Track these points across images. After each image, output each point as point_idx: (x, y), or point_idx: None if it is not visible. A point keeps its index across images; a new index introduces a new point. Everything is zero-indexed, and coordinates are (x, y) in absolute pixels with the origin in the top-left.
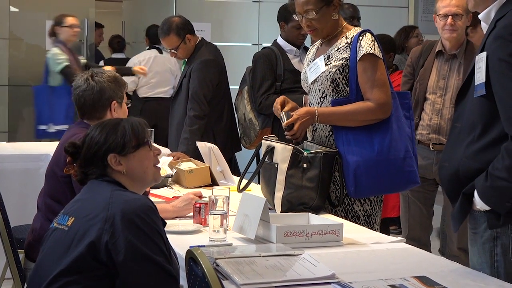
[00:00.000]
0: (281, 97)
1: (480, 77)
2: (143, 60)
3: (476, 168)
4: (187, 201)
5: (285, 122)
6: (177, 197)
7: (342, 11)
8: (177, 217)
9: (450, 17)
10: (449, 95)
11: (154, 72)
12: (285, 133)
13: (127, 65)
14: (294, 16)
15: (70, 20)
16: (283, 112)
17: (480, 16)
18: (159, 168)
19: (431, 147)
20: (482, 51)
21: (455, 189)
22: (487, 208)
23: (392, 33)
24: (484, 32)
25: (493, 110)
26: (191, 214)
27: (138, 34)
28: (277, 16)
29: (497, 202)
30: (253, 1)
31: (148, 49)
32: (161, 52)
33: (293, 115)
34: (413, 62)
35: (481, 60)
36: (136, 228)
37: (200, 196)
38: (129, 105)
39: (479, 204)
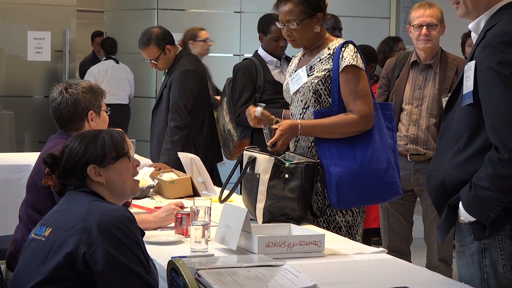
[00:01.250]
0: (251, 106)
1: (468, 85)
2: (102, 69)
3: (462, 179)
4: (169, 212)
5: (269, 140)
6: (159, 208)
7: (323, 22)
8: (158, 228)
9: (424, 27)
10: (425, 105)
11: (112, 80)
12: (268, 148)
13: (86, 76)
14: (272, 27)
15: (204, 34)
16: (267, 128)
17: (469, 26)
18: (137, 181)
19: (408, 157)
20: (471, 60)
21: (442, 199)
22: (472, 219)
23: (373, 44)
24: (474, 42)
25: (480, 119)
26: (173, 224)
27: (119, 45)
28: (257, 26)
29: (481, 212)
30: (235, 12)
31: (105, 59)
32: (117, 62)
33: (276, 128)
34: (388, 73)
35: (469, 69)
36: (114, 239)
37: (182, 207)
38: (109, 113)
39: (463, 215)
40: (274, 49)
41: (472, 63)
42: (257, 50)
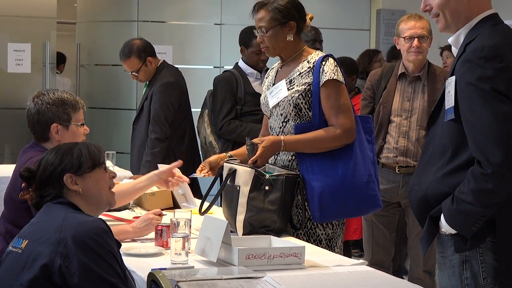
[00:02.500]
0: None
1: (449, 101)
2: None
3: (444, 192)
4: (147, 221)
5: (251, 158)
6: (137, 217)
7: (304, 34)
8: (137, 238)
9: (416, 39)
10: (415, 117)
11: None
12: (249, 163)
13: None
14: (254, 40)
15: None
16: (250, 144)
17: (449, 40)
18: (113, 192)
19: (397, 170)
20: (451, 75)
21: (424, 212)
22: (452, 231)
23: (354, 56)
24: (454, 55)
25: (463, 134)
26: (153, 236)
27: (93, 56)
28: (239, 39)
29: (462, 225)
30: (215, 24)
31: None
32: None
33: (259, 144)
34: (373, 85)
35: (450, 84)
36: (90, 250)
37: (160, 215)
38: (86, 132)
39: (444, 227)
40: (256, 62)
41: (453, 78)
42: (237, 62)
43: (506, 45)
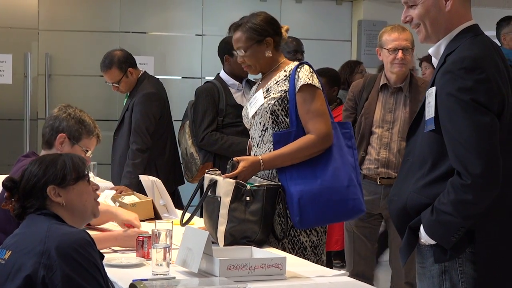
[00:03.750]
0: None
1: (429, 112)
2: None
3: (423, 203)
4: (133, 237)
5: (224, 175)
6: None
7: (285, 45)
8: (119, 249)
9: (400, 51)
10: (397, 128)
11: None
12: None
13: None
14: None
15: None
16: (231, 163)
17: (430, 51)
18: (98, 202)
19: (378, 181)
20: (432, 85)
21: (404, 223)
22: (432, 242)
23: (335, 66)
24: (435, 66)
25: (443, 145)
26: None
27: (71, 67)
28: (219, 50)
29: (442, 236)
30: (196, 35)
31: None
32: None
33: (239, 162)
34: (355, 96)
35: (430, 95)
36: (73, 262)
37: (131, 225)
38: (90, 156)
39: (424, 238)
40: (241, 70)
41: (433, 89)
42: (219, 73)
43: (487, 56)
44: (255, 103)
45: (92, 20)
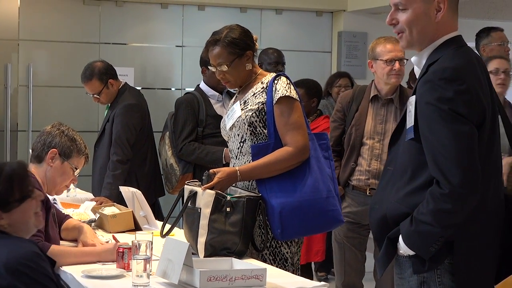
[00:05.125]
0: None
1: (410, 120)
2: None
3: (403, 212)
4: (112, 250)
5: (203, 186)
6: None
7: (266, 56)
8: (99, 261)
9: (397, 62)
10: (388, 139)
11: None
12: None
13: None
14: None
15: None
16: (206, 175)
17: (412, 60)
18: (39, 214)
19: (368, 192)
20: (413, 94)
21: (383, 232)
22: (411, 252)
23: (316, 78)
24: (417, 76)
25: (423, 154)
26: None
27: (52, 78)
28: (200, 61)
29: (421, 246)
30: (176, 46)
31: None
32: None
33: (215, 173)
34: (344, 107)
35: (411, 103)
36: (24, 276)
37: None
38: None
39: (403, 248)
40: (218, 82)
41: (413, 98)
42: (198, 84)
43: (468, 67)
44: (233, 115)
45: (72, 31)
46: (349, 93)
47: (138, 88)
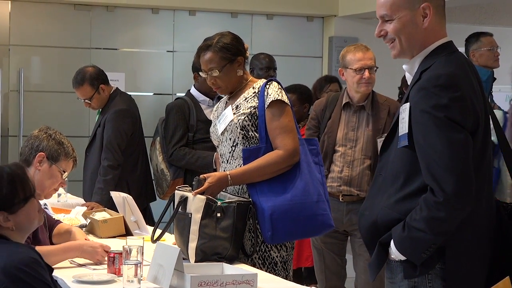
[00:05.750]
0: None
1: (403, 127)
2: None
3: (394, 218)
4: (94, 250)
5: (193, 192)
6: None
7: (258, 61)
8: (89, 265)
9: (367, 70)
10: (360, 146)
11: None
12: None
13: None
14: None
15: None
16: (196, 180)
17: (404, 67)
18: (41, 211)
19: (340, 198)
20: (406, 101)
21: (374, 238)
22: (402, 258)
23: (306, 83)
24: (408, 83)
25: (416, 161)
26: (106, 263)
27: (43, 82)
28: (192, 66)
29: (413, 252)
30: (167, 51)
31: None
32: None
33: (205, 179)
34: (318, 114)
35: (404, 110)
36: (21, 282)
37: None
38: (66, 178)
39: (394, 253)
40: (209, 88)
41: (407, 105)
42: (189, 90)
43: (462, 74)
44: (224, 120)
45: (63, 36)
46: (322, 101)
47: (129, 93)
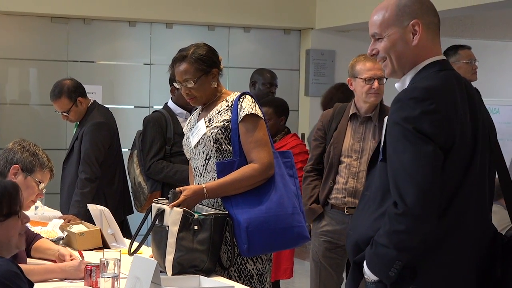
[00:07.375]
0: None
1: (382, 141)
2: None
3: (370, 236)
4: (78, 268)
5: (170, 204)
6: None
7: (261, 76)
8: (66, 279)
9: (376, 80)
10: (365, 157)
11: None
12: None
13: None
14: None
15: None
16: (172, 192)
17: (396, 86)
18: (23, 235)
19: (345, 211)
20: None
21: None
22: (375, 278)
23: (283, 95)
24: None
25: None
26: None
27: (20, 95)
28: (169, 80)
29: (380, 270)
30: (144, 64)
31: None
32: None
33: (181, 192)
34: (324, 125)
35: (384, 124)
36: None
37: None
38: (43, 189)
39: (367, 273)
40: (186, 102)
41: (386, 118)
42: (166, 103)
43: (444, 89)
44: (197, 133)
45: (40, 49)
46: (330, 112)
47: (106, 106)
